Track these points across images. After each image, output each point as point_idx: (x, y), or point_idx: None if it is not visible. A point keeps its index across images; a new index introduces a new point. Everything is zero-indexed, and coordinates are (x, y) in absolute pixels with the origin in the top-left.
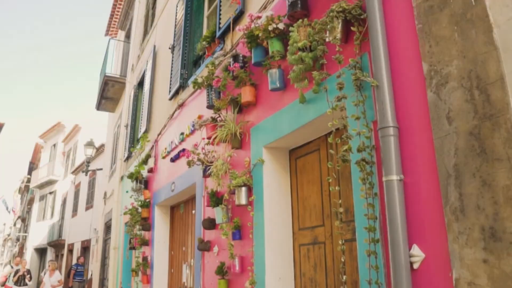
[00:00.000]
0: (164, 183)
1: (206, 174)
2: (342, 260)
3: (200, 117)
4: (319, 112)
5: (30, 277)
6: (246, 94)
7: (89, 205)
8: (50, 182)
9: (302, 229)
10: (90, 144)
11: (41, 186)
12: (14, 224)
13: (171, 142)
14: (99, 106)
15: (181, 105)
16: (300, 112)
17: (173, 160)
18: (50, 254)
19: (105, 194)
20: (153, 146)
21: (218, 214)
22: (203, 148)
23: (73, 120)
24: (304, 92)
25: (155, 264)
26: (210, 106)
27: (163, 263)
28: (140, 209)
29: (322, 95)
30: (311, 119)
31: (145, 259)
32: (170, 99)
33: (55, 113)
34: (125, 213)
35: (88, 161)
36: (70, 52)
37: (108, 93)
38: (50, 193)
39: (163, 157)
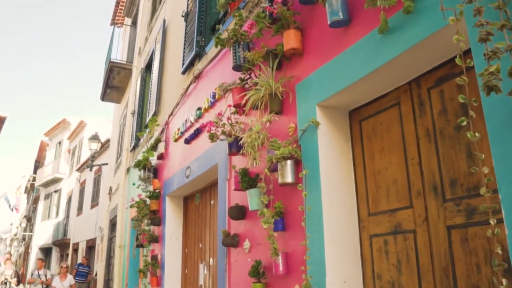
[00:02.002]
0: (177, 169)
1: (233, 150)
2: (498, 251)
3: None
4: (410, 41)
5: (18, 281)
6: (290, 40)
7: (95, 202)
8: (55, 180)
9: (374, 214)
10: (95, 137)
11: (46, 185)
12: (20, 224)
13: (185, 121)
14: (104, 96)
15: (197, 76)
16: (374, 50)
17: (188, 141)
18: (55, 254)
19: (110, 189)
20: (163, 129)
21: (252, 198)
22: (228, 118)
23: (79, 117)
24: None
25: (167, 264)
26: (237, 67)
27: (176, 263)
28: (148, 201)
29: (415, 18)
30: (394, 56)
31: (154, 258)
32: (184, 72)
33: (61, 111)
34: (131, 206)
35: (93, 156)
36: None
37: (114, 82)
38: (55, 191)
39: (175, 140)
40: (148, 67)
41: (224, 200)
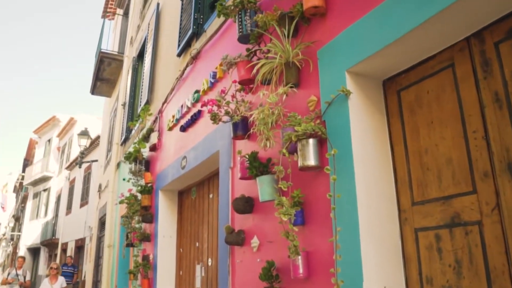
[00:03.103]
0: (171, 160)
1: (238, 133)
2: None
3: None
4: None
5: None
6: None
7: (84, 201)
8: (44, 179)
9: (421, 203)
10: (84, 133)
11: (35, 183)
12: (8, 224)
13: (181, 106)
14: (94, 90)
15: (195, 57)
16: (419, 0)
17: (184, 128)
18: (43, 254)
19: (99, 186)
20: (156, 118)
21: (264, 187)
22: (233, 96)
23: (69, 114)
24: None
25: (159, 265)
26: (243, 38)
27: (169, 264)
28: (139, 196)
29: None
30: (448, 5)
31: (145, 258)
32: (180, 54)
33: (51, 107)
34: (121, 202)
35: (83, 152)
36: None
37: (104, 74)
38: (44, 190)
39: (170, 129)
40: (140, 56)
41: (226, 192)
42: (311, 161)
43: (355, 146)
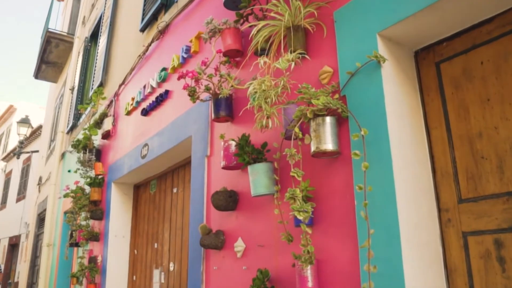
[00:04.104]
0: (128, 149)
1: (221, 114)
2: None
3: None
4: None
5: None
6: None
7: (21, 195)
8: None
9: (473, 200)
10: (24, 121)
11: None
12: None
13: (143, 87)
14: (38, 74)
15: (163, 31)
16: None
17: (146, 112)
18: None
19: (40, 179)
20: (111, 102)
21: (258, 177)
22: (216, 69)
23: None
24: None
25: (109, 268)
26: (231, 1)
27: (121, 267)
28: (88, 190)
29: None
30: None
31: (93, 260)
32: (143, 29)
33: None
34: (65, 196)
35: (22, 142)
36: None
37: (51, 56)
38: None
39: (128, 113)
40: (94, 36)
41: (200, 185)
42: (329, 144)
43: (391, 127)
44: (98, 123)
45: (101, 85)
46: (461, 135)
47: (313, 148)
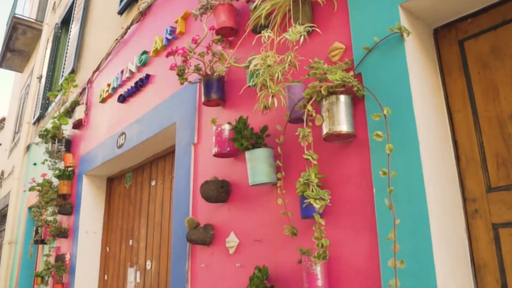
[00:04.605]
0: (102, 138)
1: (212, 97)
2: None
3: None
4: None
5: None
6: None
7: None
8: None
9: (504, 189)
10: None
11: None
12: None
13: (121, 73)
14: (2, 62)
15: (144, 12)
16: None
17: (124, 98)
18: None
19: (2, 173)
20: (84, 89)
21: (257, 164)
22: (208, 47)
23: None
24: None
25: (78, 267)
26: None
27: (92, 266)
28: (57, 182)
29: None
30: None
31: (60, 258)
32: (122, 12)
33: None
34: (31, 189)
35: None
36: None
37: (17, 44)
38: None
39: (103, 100)
40: (65, 22)
41: (186, 175)
42: (343, 125)
43: (417, 107)
44: (69, 112)
45: (73, 72)
46: (490, 117)
47: (325, 130)
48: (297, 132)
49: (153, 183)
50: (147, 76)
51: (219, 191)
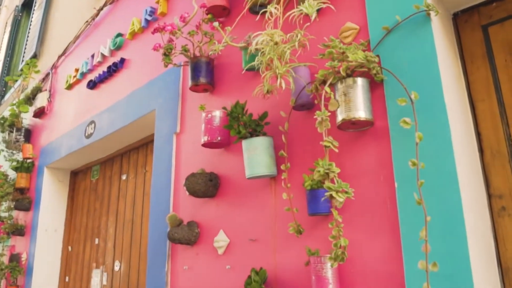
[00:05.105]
0: (68, 128)
1: (200, 81)
2: None
3: None
4: None
5: None
6: None
7: None
8: None
9: None
10: None
11: None
12: None
13: (92, 57)
14: None
15: None
16: None
17: (94, 84)
18: None
19: None
20: (48, 75)
21: (256, 154)
22: (198, 26)
23: None
24: None
25: (36, 268)
26: None
27: (51, 267)
28: (13, 175)
29: None
30: None
31: (15, 258)
32: None
33: None
34: None
35: None
36: None
37: None
38: None
39: (69, 87)
40: (27, 5)
41: (166, 168)
42: (361, 111)
43: (446, 91)
44: (30, 99)
45: (35, 57)
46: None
47: (341, 117)
48: (315, 116)
49: (123, 177)
50: (122, 60)
51: (207, 185)
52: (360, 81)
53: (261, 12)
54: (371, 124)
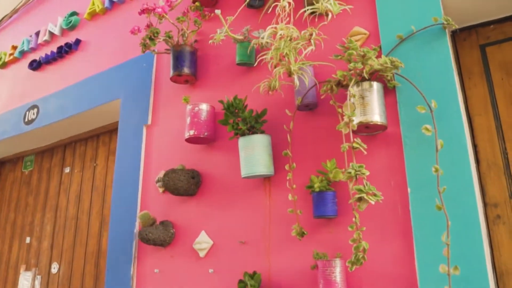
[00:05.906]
0: (1, 111)
1: (184, 71)
2: None
3: None
4: None
5: None
6: None
7: None
8: None
9: None
10: None
11: None
12: None
13: (35, 35)
14: None
15: None
16: None
17: (39, 65)
18: None
19: None
20: None
21: (255, 152)
22: (185, 13)
23: None
24: None
25: None
26: None
27: None
28: None
29: None
30: None
31: None
32: None
33: None
34: None
35: None
36: None
37: None
38: None
39: (3, 65)
40: None
41: (133, 163)
42: (376, 116)
43: (461, 102)
44: None
45: None
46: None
47: (357, 120)
48: (340, 110)
49: (66, 170)
50: (77, 42)
51: (189, 182)
52: (375, 85)
53: (268, 6)
54: (384, 128)
